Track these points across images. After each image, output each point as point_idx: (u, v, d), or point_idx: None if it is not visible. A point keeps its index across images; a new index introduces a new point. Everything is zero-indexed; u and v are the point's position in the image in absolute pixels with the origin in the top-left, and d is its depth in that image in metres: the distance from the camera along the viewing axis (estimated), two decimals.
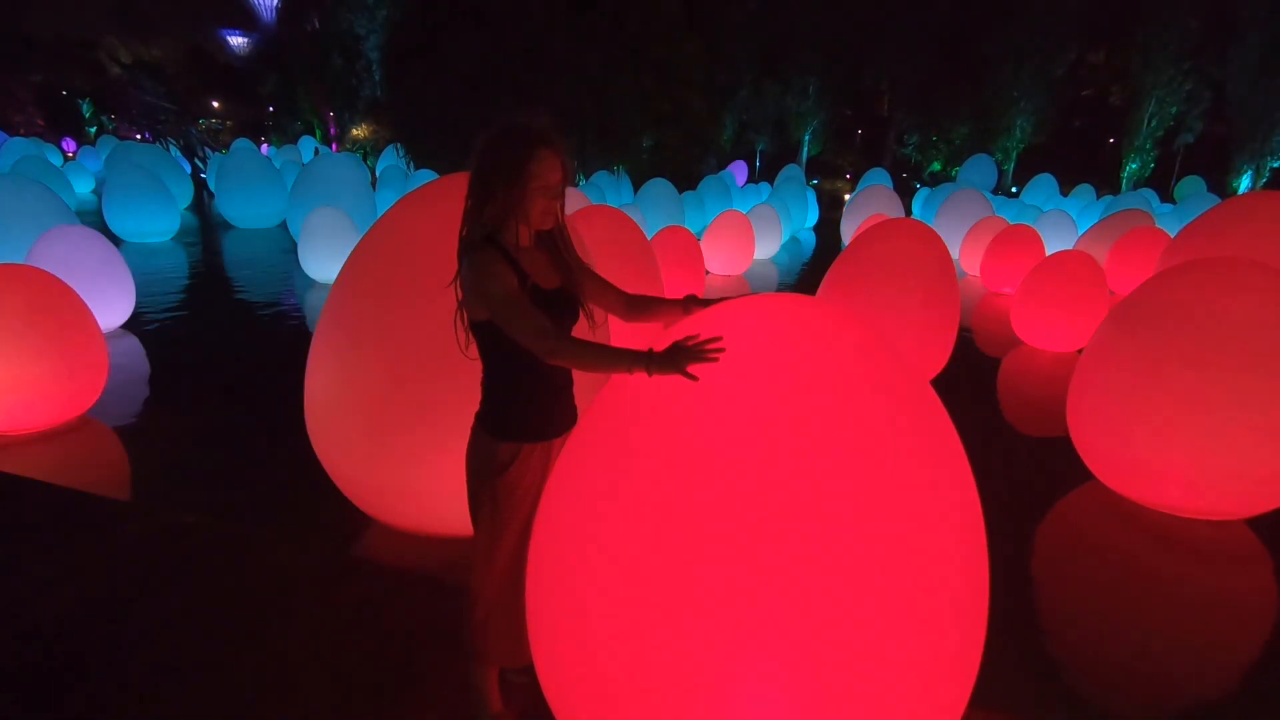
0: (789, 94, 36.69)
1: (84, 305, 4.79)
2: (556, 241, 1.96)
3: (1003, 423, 5.98)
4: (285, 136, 43.27)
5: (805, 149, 38.74)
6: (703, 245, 11.62)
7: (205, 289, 10.27)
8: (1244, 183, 31.58)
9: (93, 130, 44.36)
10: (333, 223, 10.04)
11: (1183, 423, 3.77)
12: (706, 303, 1.88)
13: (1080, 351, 7.73)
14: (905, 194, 25.06)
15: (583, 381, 2.11)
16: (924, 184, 32.26)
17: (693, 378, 1.57)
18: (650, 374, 1.63)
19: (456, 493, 2.13)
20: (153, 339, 7.28)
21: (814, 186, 29.86)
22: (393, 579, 3.12)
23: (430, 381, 3.06)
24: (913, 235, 5.58)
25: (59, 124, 42.78)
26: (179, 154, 29.50)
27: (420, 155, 22.66)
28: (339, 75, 37.75)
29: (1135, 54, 32.74)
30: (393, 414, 3.17)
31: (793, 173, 25.55)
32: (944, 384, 5.97)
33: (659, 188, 15.92)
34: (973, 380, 6.92)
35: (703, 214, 17.42)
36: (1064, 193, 24.98)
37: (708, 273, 11.47)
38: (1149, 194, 22.24)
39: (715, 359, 1.57)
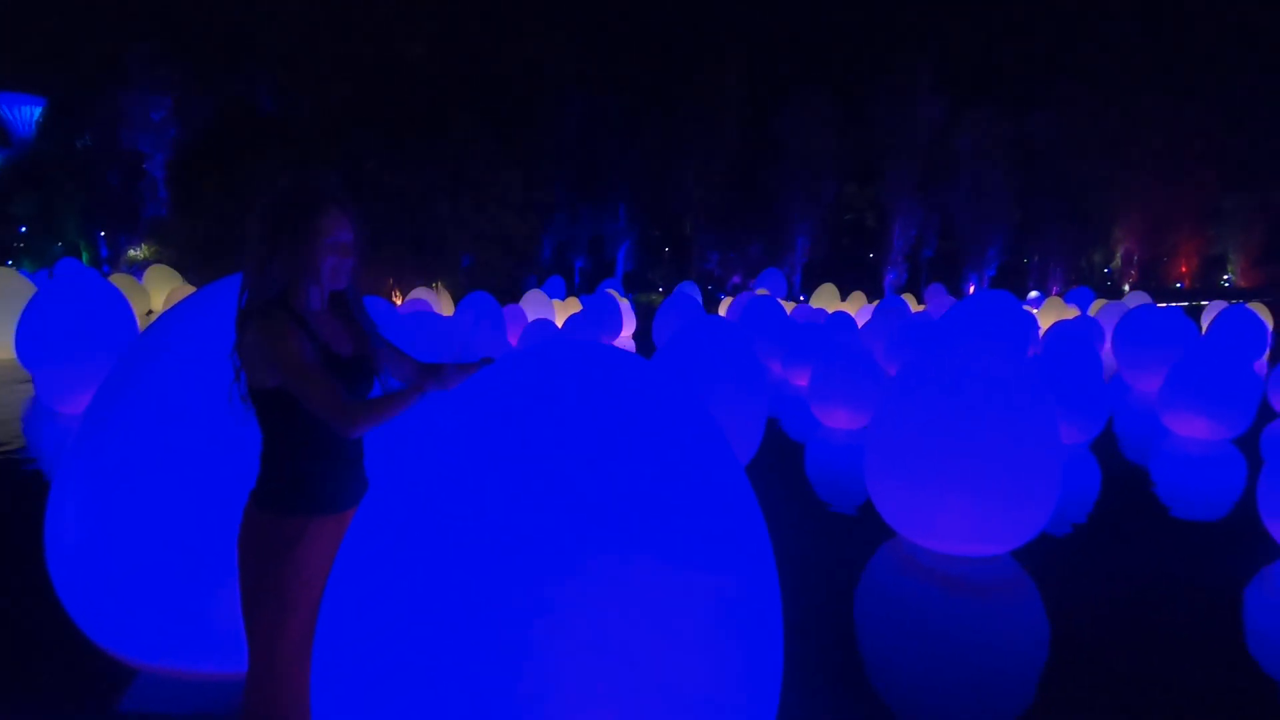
0: (602, 216, 39.52)
1: None
2: (350, 306, 1.91)
3: (813, 499, 6.49)
4: (41, 260, 38.04)
5: (620, 265, 41.44)
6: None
7: None
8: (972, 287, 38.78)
9: None
10: (80, 346, 8.82)
11: (952, 474, 4.38)
12: None
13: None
14: (711, 305, 27.46)
15: (374, 447, 2.04)
16: (727, 294, 35.67)
17: (480, 365, 1.77)
18: (443, 388, 1.77)
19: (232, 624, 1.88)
20: None
21: (630, 299, 31.80)
22: None
23: (204, 504, 2.73)
24: (717, 333, 6.13)
25: None
26: None
27: (213, 274, 21.08)
28: (117, 193, 34.53)
29: (880, 186, 39.91)
30: (165, 547, 2.77)
31: (609, 286, 27.01)
32: (759, 471, 6.40)
33: (480, 300, 16.02)
34: (783, 464, 7.49)
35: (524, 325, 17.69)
36: (841, 299, 28.85)
37: None
38: (907, 299, 26.52)
39: (490, 361, 1.74)
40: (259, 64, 23.96)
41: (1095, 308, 23.76)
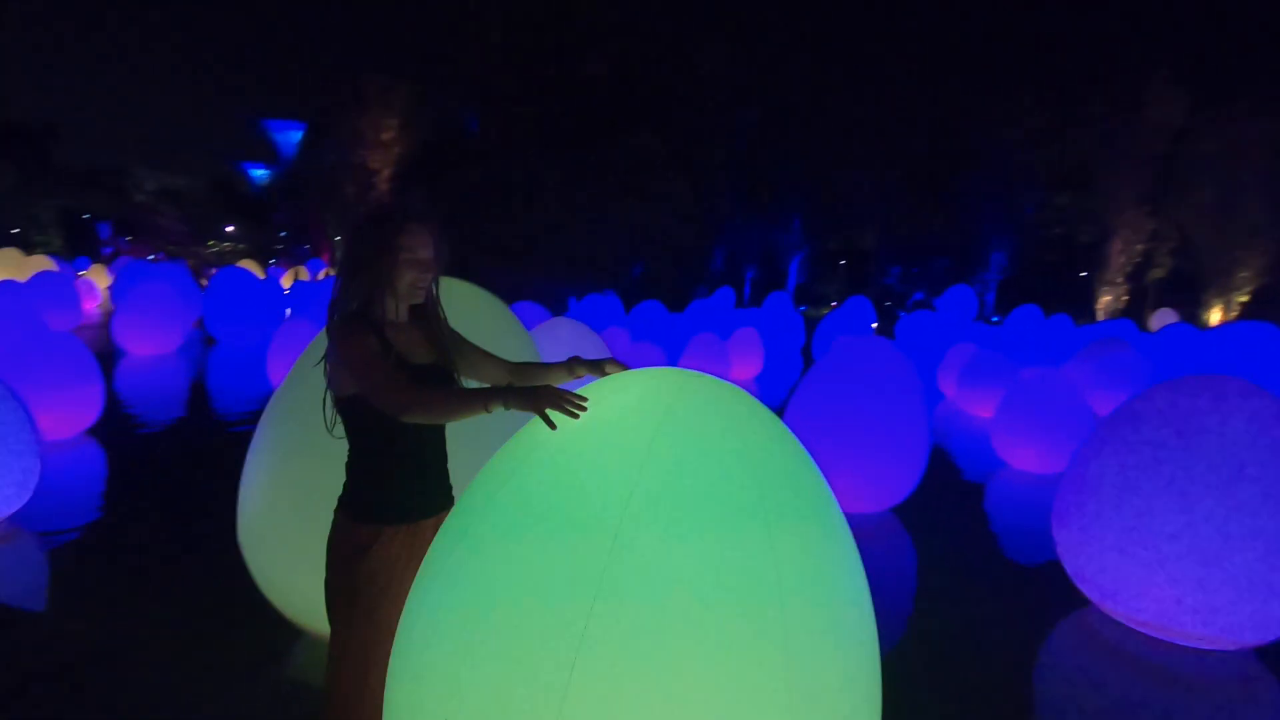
0: (774, 227, 38.68)
1: (17, 405, 4.67)
2: (430, 318, 1.92)
3: (989, 547, 5.70)
4: (293, 259, 45.15)
5: (792, 277, 40.29)
6: (681, 365, 11.68)
7: (185, 402, 10.17)
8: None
9: (109, 251, 46.19)
10: (303, 335, 10.08)
11: (1178, 540, 3.59)
12: (592, 363, 1.86)
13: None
14: (889, 321, 25.75)
15: (460, 461, 1.98)
16: (906, 312, 33.21)
17: (550, 424, 1.51)
18: (507, 408, 1.58)
19: None
20: (118, 448, 7.05)
21: (801, 313, 30.76)
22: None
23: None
24: (875, 353, 5.61)
25: (76, 245, 44.57)
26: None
27: None
28: (349, 204, 39.94)
29: (1097, 198, 34.96)
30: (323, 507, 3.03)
31: (778, 299, 26.29)
32: (917, 506, 5.75)
33: (651, 309, 16.34)
34: (953, 503, 6.68)
35: (690, 335, 17.71)
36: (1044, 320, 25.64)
37: None
38: (1127, 323, 22.91)
39: (575, 415, 1.50)
40: (465, 87, 26.63)
41: None
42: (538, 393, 1.53)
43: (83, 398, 7.01)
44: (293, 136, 51.77)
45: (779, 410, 5.98)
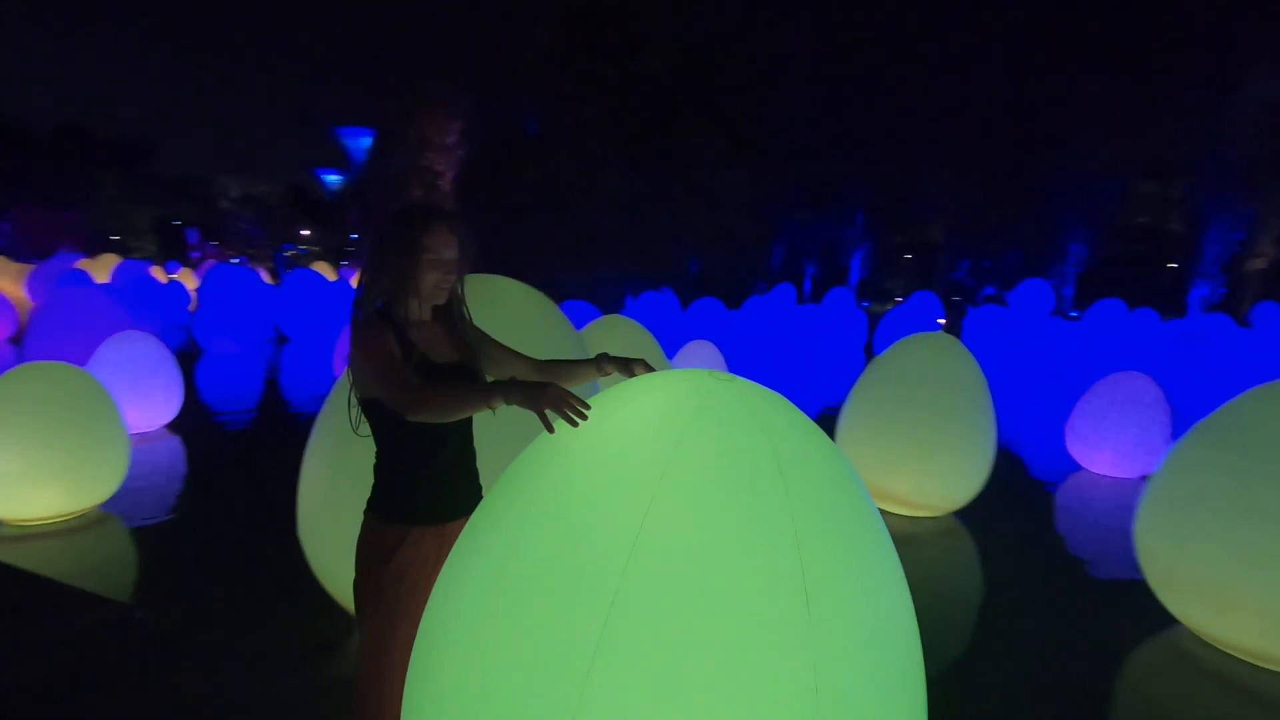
0: (836, 221, 37.70)
1: (110, 400, 4.95)
2: (454, 318, 1.91)
3: (1061, 555, 5.37)
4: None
5: (854, 272, 39.24)
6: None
7: (258, 397, 10.67)
8: None
9: (196, 255, 49.25)
10: None
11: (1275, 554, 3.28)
12: (620, 361, 1.81)
13: (1145, 478, 7.16)
14: (957, 316, 24.73)
15: (491, 461, 1.96)
16: (975, 307, 31.82)
17: (548, 426, 1.47)
18: (509, 403, 1.54)
19: None
20: (196, 440, 7.45)
21: (864, 309, 29.86)
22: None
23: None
24: (939, 348, 5.35)
25: (167, 249, 47.70)
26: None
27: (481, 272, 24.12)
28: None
29: (1188, 184, 32.58)
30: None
31: (840, 295, 25.61)
32: (986, 509, 5.47)
33: (708, 307, 16.21)
34: (1022, 507, 6.34)
35: (747, 333, 17.45)
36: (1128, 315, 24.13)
37: None
38: (1222, 318, 21.26)
39: (574, 421, 1.45)
40: (523, 86, 27.04)
41: None
42: (541, 391, 1.48)
43: (165, 393, 7.43)
44: (363, 142, 53.69)
45: (838, 409, 5.79)
